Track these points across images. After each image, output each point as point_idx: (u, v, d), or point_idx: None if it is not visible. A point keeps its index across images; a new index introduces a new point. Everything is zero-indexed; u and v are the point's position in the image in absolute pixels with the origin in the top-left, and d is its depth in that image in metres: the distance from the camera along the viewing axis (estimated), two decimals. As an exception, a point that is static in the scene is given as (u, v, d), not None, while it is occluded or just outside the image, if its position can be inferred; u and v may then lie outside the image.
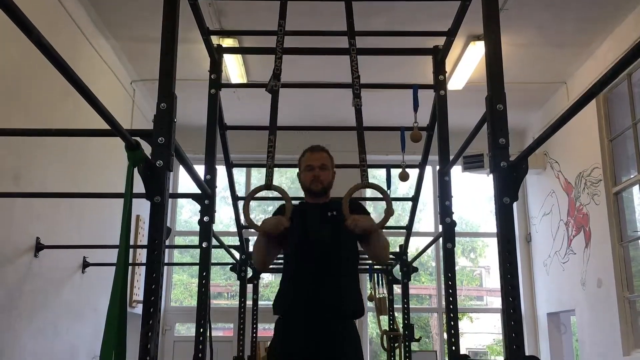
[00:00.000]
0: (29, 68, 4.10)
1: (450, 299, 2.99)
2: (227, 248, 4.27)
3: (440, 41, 3.33)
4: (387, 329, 5.27)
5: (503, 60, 2.20)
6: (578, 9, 5.13)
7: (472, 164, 7.07)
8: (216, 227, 3.15)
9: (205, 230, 3.01)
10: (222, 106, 3.43)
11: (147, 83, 6.45)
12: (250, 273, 4.99)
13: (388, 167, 3.78)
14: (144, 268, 1.96)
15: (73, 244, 4.79)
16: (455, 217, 3.12)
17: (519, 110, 7.13)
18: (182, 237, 8.65)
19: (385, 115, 5.86)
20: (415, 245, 7.82)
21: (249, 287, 5.05)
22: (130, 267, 6.29)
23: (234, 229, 7.21)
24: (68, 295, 4.91)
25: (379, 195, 2.72)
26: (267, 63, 2.90)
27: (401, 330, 5.04)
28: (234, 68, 5.83)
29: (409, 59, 5.30)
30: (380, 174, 9.44)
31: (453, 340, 2.98)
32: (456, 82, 6.19)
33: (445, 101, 3.28)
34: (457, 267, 3.09)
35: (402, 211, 8.11)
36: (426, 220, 8.78)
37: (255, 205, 8.58)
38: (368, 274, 5.56)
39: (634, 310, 5.54)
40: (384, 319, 5.33)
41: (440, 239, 3.14)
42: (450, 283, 2.99)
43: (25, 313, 4.15)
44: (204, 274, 2.98)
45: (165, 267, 7.79)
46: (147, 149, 2.03)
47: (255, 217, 8.38)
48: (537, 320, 7.70)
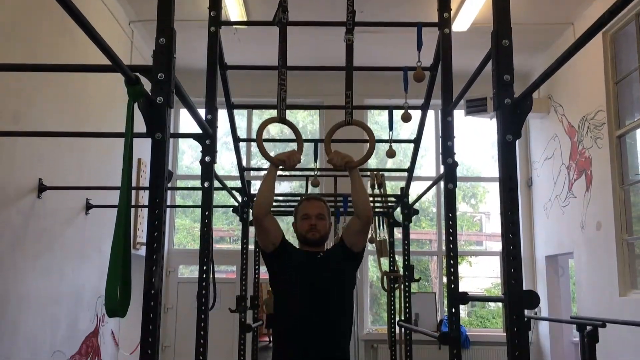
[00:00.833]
0: (26, 7, 4.01)
1: (451, 239, 3.01)
2: (229, 190, 4.28)
3: (446, -23, 3.23)
4: (388, 271, 5.35)
5: (509, -1, 2.14)
6: (588, -55, 4.98)
7: (475, 107, 7.01)
8: (217, 173, 3.15)
9: (207, 170, 2.99)
10: (222, 45, 3.37)
11: (146, 24, 6.33)
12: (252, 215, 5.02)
13: (390, 109, 3.74)
14: (146, 211, 1.96)
15: (75, 184, 4.80)
16: (457, 164, 3.10)
17: (524, 52, 7.01)
18: (184, 181, 8.67)
19: (388, 56, 5.78)
20: (416, 191, 7.86)
21: (251, 229, 5.09)
22: (133, 210, 6.35)
23: (235, 173, 7.22)
24: (72, 236, 4.96)
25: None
26: (268, 2, 2.83)
27: (401, 271, 5.12)
28: (234, 8, 5.71)
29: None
30: (383, 120, 9.39)
31: (452, 279, 3.02)
32: (461, 24, 6.06)
33: (450, 40, 3.22)
34: (457, 213, 3.09)
35: (403, 157, 8.09)
36: (427, 166, 8.78)
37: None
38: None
39: (632, 253, 5.61)
40: (385, 261, 5.40)
41: (442, 181, 3.14)
42: (450, 223, 3.00)
43: (30, 253, 4.21)
44: (207, 214, 2.99)
45: (168, 211, 7.84)
46: (148, 87, 2.00)
47: (258, 163, 8.38)
48: (535, 263, 7.81)
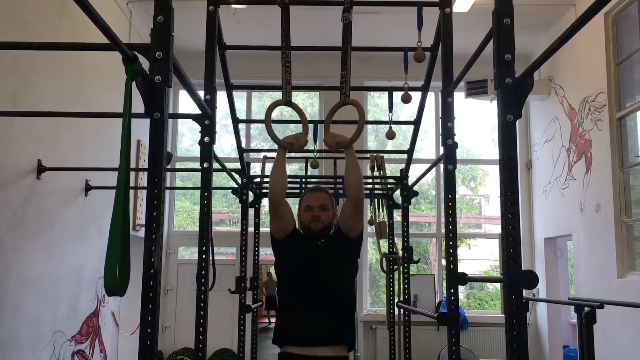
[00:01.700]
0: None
1: (450, 220, 3.01)
2: (228, 171, 4.27)
3: (447, -44, 3.19)
4: (387, 252, 5.36)
5: (509, -23, 2.12)
6: None
7: (476, 89, 6.98)
8: (217, 155, 3.13)
9: (206, 151, 2.98)
10: (220, 24, 3.34)
11: (144, 4, 6.27)
12: (251, 197, 5.02)
13: (390, 90, 3.72)
14: (146, 192, 1.96)
15: (74, 165, 4.80)
16: (457, 146, 3.09)
17: (525, 33, 6.96)
18: (184, 163, 8.66)
19: (388, 37, 5.74)
20: (416, 173, 7.84)
21: (251, 211, 5.10)
22: (132, 191, 6.35)
23: (235, 155, 7.21)
24: (72, 217, 4.96)
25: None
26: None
27: (400, 253, 5.13)
28: (233, -12, 5.65)
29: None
30: (383, 103, 9.35)
31: (452, 260, 3.03)
32: (462, 4, 6.01)
33: (451, 19, 3.18)
34: (457, 196, 3.08)
35: (403, 140, 8.08)
36: (427, 148, 8.77)
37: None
38: (369, 198, 5.60)
39: (630, 235, 5.62)
40: (384, 243, 5.41)
41: (441, 163, 3.13)
42: (450, 204, 3.00)
43: (30, 233, 4.21)
44: (206, 194, 2.98)
45: (168, 193, 7.84)
46: (146, 67, 1.99)
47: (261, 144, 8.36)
48: (534, 245, 7.83)
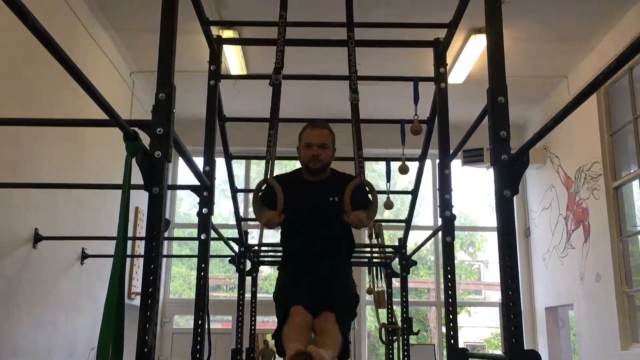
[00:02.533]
0: (27, 57, 4.07)
1: (450, 292, 2.98)
2: (225, 240, 4.26)
3: (441, 34, 3.30)
4: (386, 322, 5.27)
5: (504, 51, 2.18)
6: (579, 3, 5.11)
7: (472, 157, 7.06)
8: (215, 220, 3.14)
9: (204, 222, 2.99)
10: (221, 98, 3.41)
11: (146, 74, 6.42)
12: (249, 265, 4.98)
13: (388, 160, 3.76)
14: (142, 260, 1.95)
15: (71, 235, 4.78)
16: (454, 211, 3.11)
17: (520, 104, 7.10)
18: (182, 229, 8.64)
19: (385, 107, 5.85)
20: (415, 239, 7.78)
21: (248, 279, 5.05)
22: (128, 259, 6.30)
23: (233, 221, 7.19)
24: (67, 286, 4.90)
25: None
26: (267, 55, 2.89)
27: (400, 323, 5.04)
28: (233, 60, 5.81)
29: (409, 51, 5.26)
30: (380, 168, 9.42)
31: (452, 334, 2.98)
32: (457, 76, 6.16)
33: (446, 94, 3.26)
34: (455, 261, 3.08)
35: (401, 205, 8.09)
36: (425, 214, 8.76)
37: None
38: (367, 267, 5.56)
39: (632, 305, 5.55)
40: (383, 313, 5.32)
41: (440, 233, 3.13)
42: (449, 276, 2.99)
43: (24, 304, 4.15)
44: (203, 266, 2.97)
45: (164, 260, 7.78)
46: (146, 140, 2.01)
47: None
48: (535, 315, 7.71)
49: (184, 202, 8.92)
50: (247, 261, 4.87)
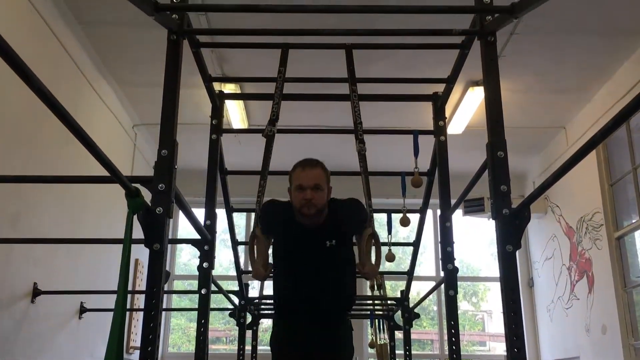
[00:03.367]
0: (31, 111, 4.12)
1: (454, 347, 2.95)
2: (225, 294, 4.22)
3: (440, 87, 3.36)
4: (389, 377, 5.16)
5: (502, 105, 2.21)
6: (576, 55, 5.21)
7: (473, 207, 7.06)
8: (215, 271, 3.12)
9: (205, 276, 2.98)
10: (222, 151, 3.45)
11: (148, 126, 6.49)
12: (249, 319, 4.92)
13: (389, 212, 3.77)
14: (141, 313, 1.93)
15: (70, 288, 4.73)
16: (456, 261, 3.09)
17: (519, 154, 7.16)
18: (181, 281, 8.56)
19: (385, 157, 5.88)
20: (417, 288, 7.69)
21: (248, 333, 4.97)
22: (127, 312, 6.22)
23: (233, 272, 7.14)
24: (64, 341, 4.82)
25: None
26: (269, 106, 2.94)
27: (403, 377, 4.93)
28: (235, 112, 5.88)
29: (409, 102, 5.35)
30: (381, 217, 9.40)
31: (457, 392, 2.92)
32: (456, 127, 6.23)
33: (446, 147, 3.29)
34: (458, 312, 3.05)
35: (402, 254, 8.04)
36: (427, 263, 8.70)
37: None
38: (369, 320, 5.48)
39: (639, 357, 5.44)
40: (386, 367, 5.22)
41: (442, 285, 3.10)
42: (453, 331, 2.95)
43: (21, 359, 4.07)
44: (203, 322, 2.94)
45: (164, 312, 7.69)
46: (147, 194, 2.02)
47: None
48: (541, 368, 7.55)
49: (184, 252, 8.87)
50: (248, 314, 4.81)
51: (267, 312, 5.25)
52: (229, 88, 5.29)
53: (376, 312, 5.25)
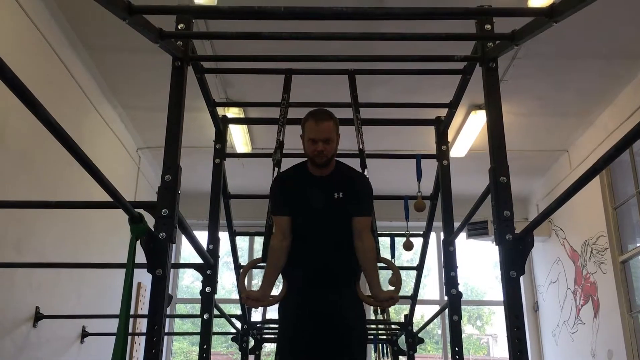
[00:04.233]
0: (34, 135, 4.15)
1: (458, 374, 2.92)
2: (228, 318, 4.20)
3: (442, 112, 3.37)
4: (393, 403, 5.10)
5: (505, 128, 2.22)
6: (577, 79, 5.23)
7: (477, 230, 7.04)
8: (218, 294, 3.12)
9: (207, 301, 2.97)
10: (226, 175, 3.46)
11: (152, 150, 6.52)
12: (252, 343, 4.88)
13: (392, 236, 3.76)
14: (144, 337, 1.92)
15: (72, 313, 4.71)
16: (460, 284, 3.08)
17: (522, 177, 7.16)
18: (184, 304, 8.53)
19: (387, 180, 5.88)
20: (420, 311, 7.62)
21: (251, 357, 4.92)
22: (129, 337, 6.18)
23: (236, 296, 7.11)
24: (65, 366, 4.79)
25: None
26: (271, 131, 2.97)
27: (407, 404, 4.87)
28: (239, 136, 5.90)
29: (412, 126, 5.36)
30: (384, 240, 9.37)
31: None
32: (459, 150, 6.24)
33: (449, 171, 3.30)
34: (463, 336, 3.03)
35: (406, 277, 8.00)
36: (431, 286, 8.65)
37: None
38: (373, 344, 5.44)
39: (647, 383, 5.37)
40: (389, 392, 5.16)
41: (446, 310, 3.09)
42: (457, 357, 2.93)
43: (21, 385, 4.04)
44: (205, 347, 2.93)
45: (166, 336, 7.64)
46: (150, 219, 2.03)
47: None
48: (547, 393, 7.45)
49: (187, 275, 8.85)
50: (250, 339, 4.77)
51: (269, 336, 5.21)
52: (233, 112, 5.32)
53: (380, 337, 5.20)
